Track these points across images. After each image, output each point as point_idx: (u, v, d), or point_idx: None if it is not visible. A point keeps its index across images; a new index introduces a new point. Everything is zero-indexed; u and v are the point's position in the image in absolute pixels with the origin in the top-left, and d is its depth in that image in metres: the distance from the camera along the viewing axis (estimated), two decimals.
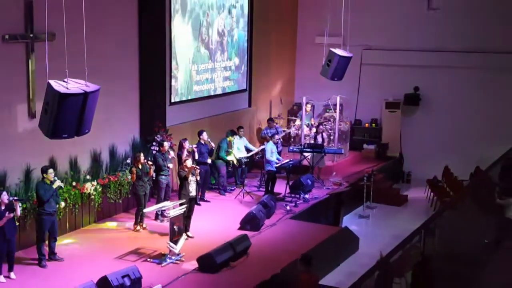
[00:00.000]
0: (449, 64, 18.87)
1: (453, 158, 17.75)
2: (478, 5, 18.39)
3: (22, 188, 12.04)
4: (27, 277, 11.01)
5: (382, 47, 19.58)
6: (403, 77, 19.43)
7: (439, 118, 19.13)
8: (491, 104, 18.31)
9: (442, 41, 18.87)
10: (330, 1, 17.60)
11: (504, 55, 18.22)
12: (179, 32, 16.07)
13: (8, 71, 11.89)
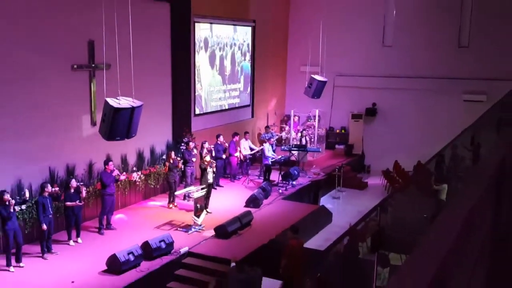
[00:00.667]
0: (397, 86, 18.92)
1: (401, 154, 17.79)
2: (417, 44, 18.45)
3: (86, 177, 12.12)
4: (90, 242, 11.14)
5: (349, 74, 19.63)
6: (364, 96, 19.47)
7: (391, 125, 19.19)
8: (428, 115, 18.39)
9: (392, 70, 18.93)
10: (311, 40, 17.68)
11: (436, 80, 18.35)
12: (202, 63, 16.17)
13: (76, 91, 11.98)
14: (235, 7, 17.22)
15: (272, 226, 12.26)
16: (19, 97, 10.71)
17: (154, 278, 9.82)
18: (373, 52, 19.24)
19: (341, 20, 19.17)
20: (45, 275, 9.57)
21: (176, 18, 14.64)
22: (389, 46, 19.11)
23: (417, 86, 18.62)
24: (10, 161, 10.55)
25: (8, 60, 10.48)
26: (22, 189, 10.44)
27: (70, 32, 11.57)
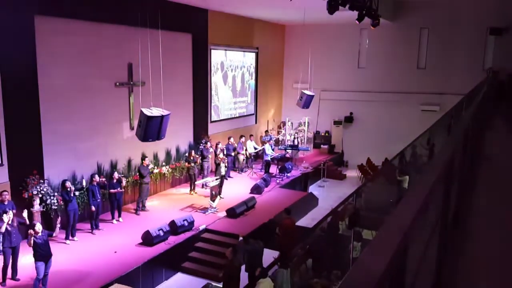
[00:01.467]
0: (370, 99, 18.91)
1: (372, 152, 17.77)
2: (385, 66, 18.44)
3: (126, 170, 12.14)
4: (128, 220, 11.14)
5: (332, 89, 19.58)
6: (343, 106, 19.43)
7: (364, 129, 19.14)
8: (393, 121, 18.32)
9: (366, 86, 18.90)
10: (301, 63, 17.71)
11: (400, 94, 18.30)
12: (218, 81, 16.16)
13: (118, 103, 11.98)
14: (242, 37, 17.22)
15: (271, 208, 12.26)
16: (79, 108, 10.76)
17: (179, 249, 9.83)
18: (350, 72, 19.21)
19: (325, 47, 19.11)
20: (93, 247, 9.58)
21: (196, 46, 14.64)
22: (363, 67, 19.18)
23: (385, 99, 18.59)
24: (70, 157, 10.60)
25: (73, 82, 10.55)
26: (76, 179, 10.47)
27: (115, 57, 11.59)
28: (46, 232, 7.77)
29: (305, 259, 8.97)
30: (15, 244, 7.93)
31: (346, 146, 19.82)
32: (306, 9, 14.04)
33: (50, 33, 9.83)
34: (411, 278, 1.70)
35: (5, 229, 7.78)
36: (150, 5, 11.32)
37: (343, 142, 19.83)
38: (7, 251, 7.87)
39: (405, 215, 1.58)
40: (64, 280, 8.09)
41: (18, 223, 8.07)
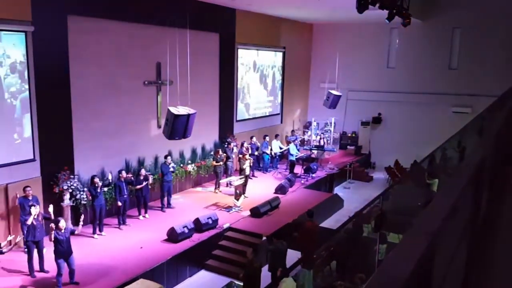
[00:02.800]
0: (399, 99, 18.58)
1: (401, 154, 17.43)
2: (415, 66, 18.07)
3: (153, 167, 12.30)
4: (154, 217, 11.29)
5: (359, 89, 19.34)
6: (372, 107, 19.15)
7: (393, 131, 18.83)
8: (423, 123, 17.95)
9: (395, 86, 18.58)
10: (329, 63, 17.57)
11: (431, 95, 17.91)
12: (249, 79, 16.17)
13: (146, 102, 12.17)
14: (269, 37, 17.21)
15: (295, 209, 12.19)
16: (108, 107, 11.00)
17: (203, 247, 9.91)
18: (379, 72, 18.91)
19: (354, 46, 18.89)
20: (120, 242, 9.78)
21: (223, 45, 14.72)
22: (392, 67, 18.88)
23: (415, 100, 18.20)
24: (99, 153, 10.85)
25: (103, 81, 10.79)
26: (105, 175, 10.72)
27: (144, 57, 11.77)
28: (69, 229, 7.93)
29: (329, 261, 8.90)
30: (38, 238, 8.11)
31: (373, 147, 19.53)
32: (334, 8, 13.91)
33: (82, 32, 10.08)
34: (437, 283, 1.67)
35: (30, 223, 7.98)
36: (179, 5, 11.47)
37: (371, 143, 19.54)
38: (30, 245, 8.08)
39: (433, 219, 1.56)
40: (91, 273, 8.29)
41: (43, 218, 8.30)
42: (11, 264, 8.39)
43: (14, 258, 8.52)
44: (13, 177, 9.06)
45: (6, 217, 8.96)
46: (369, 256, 8.74)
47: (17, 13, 8.75)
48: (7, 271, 8.19)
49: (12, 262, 8.45)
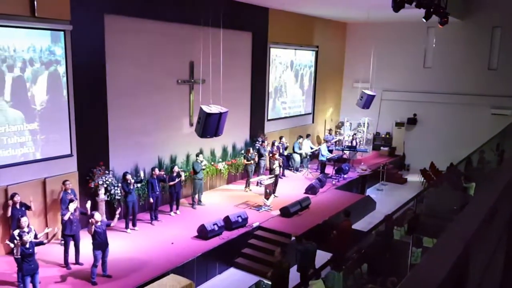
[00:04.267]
0: (435, 100, 18.13)
1: (436, 156, 16.99)
2: (453, 66, 17.57)
3: (184, 164, 12.47)
4: (185, 213, 11.44)
5: (394, 89, 18.99)
6: (407, 108, 18.77)
7: (428, 132, 18.39)
8: (460, 125, 17.46)
9: (432, 87, 18.14)
10: (363, 62, 17.33)
11: (469, 96, 17.37)
12: (273, 80, 16.21)
13: (179, 100, 12.34)
14: (302, 36, 17.12)
15: (326, 209, 12.08)
16: (142, 105, 11.23)
17: (232, 245, 9.97)
18: (415, 72, 18.50)
19: (389, 45, 18.54)
20: (152, 237, 9.98)
21: (256, 44, 14.76)
22: (429, 67, 18.43)
23: (452, 101, 17.69)
24: (132, 150, 11.10)
25: (138, 79, 11.04)
26: (138, 171, 10.96)
27: (178, 55, 11.94)
28: (104, 222, 8.18)
29: (360, 263, 8.78)
30: (75, 232, 8.40)
31: (408, 149, 19.11)
32: (370, 7, 13.70)
33: (118, 31, 10.34)
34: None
35: (68, 218, 8.27)
36: (213, 4, 11.57)
37: (405, 144, 19.14)
38: (67, 239, 8.39)
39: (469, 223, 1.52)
40: (124, 267, 8.51)
41: (80, 213, 8.58)
42: (48, 256, 8.71)
43: (51, 250, 8.85)
44: (51, 171, 9.41)
45: (44, 210, 9.31)
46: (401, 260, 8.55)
47: (57, 13, 9.06)
48: (44, 262, 8.50)
49: (49, 253, 8.77)
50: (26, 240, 6.89)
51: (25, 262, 6.91)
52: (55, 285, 7.85)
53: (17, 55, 8.69)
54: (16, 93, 8.78)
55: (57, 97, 9.44)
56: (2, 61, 8.50)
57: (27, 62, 8.88)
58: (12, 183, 8.76)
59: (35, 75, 9.03)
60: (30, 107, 9.06)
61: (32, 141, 9.11)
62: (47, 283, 7.78)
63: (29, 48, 8.86)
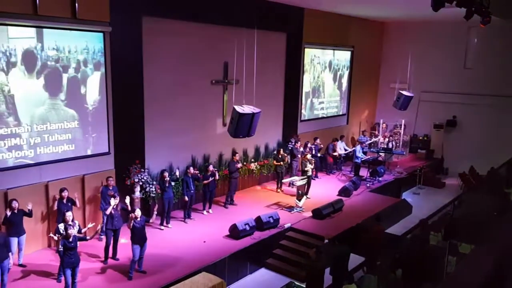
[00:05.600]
0: (476, 102, 17.55)
1: (476, 160, 16.46)
2: (495, 67, 16.93)
3: (217, 164, 12.59)
4: (218, 212, 11.58)
5: (433, 90, 18.51)
6: (446, 109, 18.27)
7: (468, 135, 17.82)
8: (502, 128, 16.82)
9: (472, 88, 17.58)
10: (400, 62, 16.99)
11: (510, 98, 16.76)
12: (306, 81, 16.12)
13: (213, 100, 12.48)
14: (337, 35, 16.94)
15: (359, 212, 11.93)
16: (177, 105, 11.45)
17: (263, 245, 10.01)
18: (455, 73, 17.97)
19: (428, 45, 18.06)
20: (185, 234, 10.17)
21: (290, 45, 14.74)
22: (469, 68, 17.87)
23: (494, 103, 17.07)
24: (168, 150, 11.33)
25: (174, 80, 11.27)
26: (173, 170, 11.17)
27: (212, 57, 12.09)
28: (143, 218, 8.42)
29: (394, 268, 8.61)
30: (116, 227, 8.72)
31: (446, 152, 18.60)
32: (408, 6, 13.40)
33: (155, 33, 10.58)
34: None
35: (110, 212, 8.58)
36: (248, 5, 11.64)
37: (444, 147, 18.62)
38: (109, 233, 8.70)
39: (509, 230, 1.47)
40: (157, 263, 8.72)
41: (121, 208, 8.85)
42: (86, 250, 9.04)
43: (89, 244, 9.16)
44: (89, 168, 9.75)
45: (82, 206, 9.66)
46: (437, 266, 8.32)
47: (97, 14, 9.37)
48: (83, 256, 8.81)
49: (87, 247, 9.09)
50: (70, 233, 7.15)
51: (66, 256, 7.17)
52: (93, 278, 8.13)
53: (71, 56, 9.16)
54: (70, 92, 9.26)
55: (100, 97, 9.77)
56: (56, 62, 8.97)
57: (81, 63, 9.35)
58: (52, 179, 9.13)
59: (86, 76, 9.50)
60: (82, 106, 9.52)
61: (74, 139, 9.49)
62: (85, 276, 8.08)
63: (83, 49, 9.33)
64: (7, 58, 8.19)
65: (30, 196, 8.64)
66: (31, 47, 8.51)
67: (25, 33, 8.39)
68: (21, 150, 8.64)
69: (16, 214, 8.05)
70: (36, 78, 8.69)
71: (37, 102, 8.79)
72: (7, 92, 8.29)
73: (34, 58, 8.58)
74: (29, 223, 8.53)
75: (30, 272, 8.19)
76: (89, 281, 8.02)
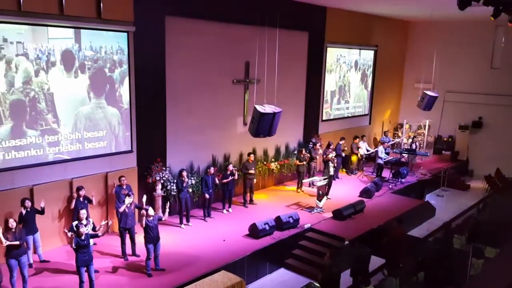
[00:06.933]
0: (503, 103, 17.16)
1: (503, 163, 16.10)
2: None
3: (237, 163, 12.64)
4: (237, 212, 11.62)
5: (458, 91, 18.16)
6: (472, 110, 17.91)
7: (495, 137, 17.42)
8: None
9: (498, 88, 17.19)
10: (425, 62, 16.70)
11: None
12: (332, 81, 16.04)
13: (234, 99, 12.53)
14: (360, 35, 16.79)
15: (381, 214, 11.81)
16: (199, 104, 11.55)
17: (283, 245, 10.01)
18: (482, 73, 17.62)
19: (454, 45, 17.75)
20: (204, 233, 10.25)
21: (312, 44, 14.68)
22: (496, 68, 17.45)
23: None
24: (188, 148, 11.45)
25: (195, 79, 11.38)
26: (193, 168, 11.26)
27: (233, 56, 12.15)
28: (157, 217, 8.48)
29: (416, 271, 8.49)
30: (129, 225, 8.82)
31: (472, 153, 18.23)
32: (433, 5, 13.16)
33: (178, 33, 10.70)
34: None
35: (123, 211, 8.70)
36: (271, 5, 11.64)
37: (469, 149, 18.25)
38: (122, 231, 8.84)
39: None
40: (177, 260, 8.83)
41: (135, 207, 8.97)
42: (107, 247, 9.23)
43: (110, 241, 9.35)
44: (112, 166, 9.93)
45: (105, 203, 9.83)
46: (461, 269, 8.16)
47: (121, 14, 9.54)
48: (102, 253, 9.00)
49: (108, 245, 9.29)
50: (82, 232, 7.25)
51: (80, 253, 7.28)
52: (113, 275, 8.29)
53: (107, 57, 9.48)
54: (107, 92, 9.62)
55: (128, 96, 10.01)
56: (94, 62, 9.29)
57: (117, 63, 9.67)
58: (76, 176, 9.34)
59: (123, 75, 9.83)
60: (118, 105, 9.84)
61: (105, 137, 9.74)
62: (105, 273, 8.24)
63: (117, 50, 9.64)
64: (47, 58, 8.56)
65: (55, 193, 8.86)
66: (69, 47, 8.88)
67: (63, 34, 8.76)
68: (58, 146, 8.99)
69: (29, 213, 8.15)
70: (74, 77, 9.05)
71: (75, 101, 9.13)
72: (46, 90, 8.66)
73: (72, 58, 8.95)
74: (50, 220, 8.77)
75: (50, 268, 8.39)
76: (110, 277, 8.18)
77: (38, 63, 8.44)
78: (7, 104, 8.14)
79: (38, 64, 8.44)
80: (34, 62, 8.38)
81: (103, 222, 8.21)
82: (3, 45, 7.94)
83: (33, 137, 8.57)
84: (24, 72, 8.28)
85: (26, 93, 8.37)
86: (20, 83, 8.27)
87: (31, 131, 8.54)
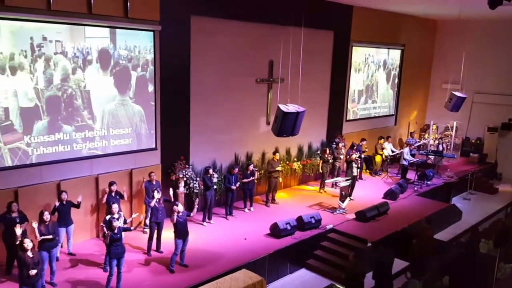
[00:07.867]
0: None
1: None
2: None
3: (260, 162, 12.70)
4: (259, 211, 11.67)
5: (487, 91, 17.71)
6: (501, 112, 17.45)
7: None
8: None
9: None
10: (453, 62, 16.39)
11: None
12: (360, 80, 15.93)
13: (258, 99, 12.59)
14: (387, 34, 16.59)
15: (405, 216, 11.64)
16: (223, 103, 11.67)
17: (304, 245, 10.00)
18: None
19: (483, 45, 17.37)
20: (226, 231, 10.34)
21: (337, 43, 14.59)
22: None
23: None
24: (211, 147, 11.58)
25: (219, 79, 11.49)
26: (216, 167, 11.38)
27: (257, 55, 12.20)
28: (185, 213, 8.66)
29: (441, 276, 8.35)
30: (160, 220, 9.05)
31: (501, 156, 17.77)
32: (461, 3, 12.89)
33: (203, 32, 10.82)
34: None
35: (154, 206, 8.89)
36: (296, 4, 11.63)
37: (498, 151, 17.80)
38: (153, 226, 9.04)
39: None
40: (199, 257, 8.94)
41: (164, 200, 9.15)
42: (131, 242, 9.42)
43: (134, 237, 9.54)
44: (137, 163, 10.14)
45: (130, 199, 10.05)
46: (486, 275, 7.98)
47: (148, 13, 9.73)
48: (127, 248, 9.17)
49: (132, 240, 9.47)
50: (115, 226, 7.49)
51: (112, 246, 7.51)
52: (136, 269, 8.47)
53: (140, 56, 9.75)
54: (138, 90, 9.90)
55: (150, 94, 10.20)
56: (128, 61, 9.60)
57: (149, 62, 9.97)
58: (102, 172, 9.58)
59: (152, 75, 10.08)
60: (148, 104, 10.11)
61: (132, 134, 9.99)
62: (129, 268, 8.42)
63: (150, 49, 9.93)
64: (84, 56, 8.87)
65: (81, 188, 9.12)
66: (105, 46, 9.17)
67: (99, 33, 9.07)
68: (93, 142, 9.34)
69: (65, 205, 8.46)
70: (110, 75, 9.36)
71: (109, 98, 9.46)
72: (83, 87, 8.98)
73: (108, 56, 9.26)
74: (78, 214, 9.01)
75: (78, 261, 8.64)
76: (133, 272, 8.35)
77: (75, 61, 8.77)
78: (44, 99, 8.47)
79: (75, 62, 8.77)
80: (71, 60, 8.71)
81: (133, 215, 8.40)
82: (43, 44, 8.28)
83: (67, 133, 8.90)
84: (62, 69, 8.62)
85: (64, 90, 8.71)
86: (58, 80, 8.61)
87: (66, 126, 8.86)
